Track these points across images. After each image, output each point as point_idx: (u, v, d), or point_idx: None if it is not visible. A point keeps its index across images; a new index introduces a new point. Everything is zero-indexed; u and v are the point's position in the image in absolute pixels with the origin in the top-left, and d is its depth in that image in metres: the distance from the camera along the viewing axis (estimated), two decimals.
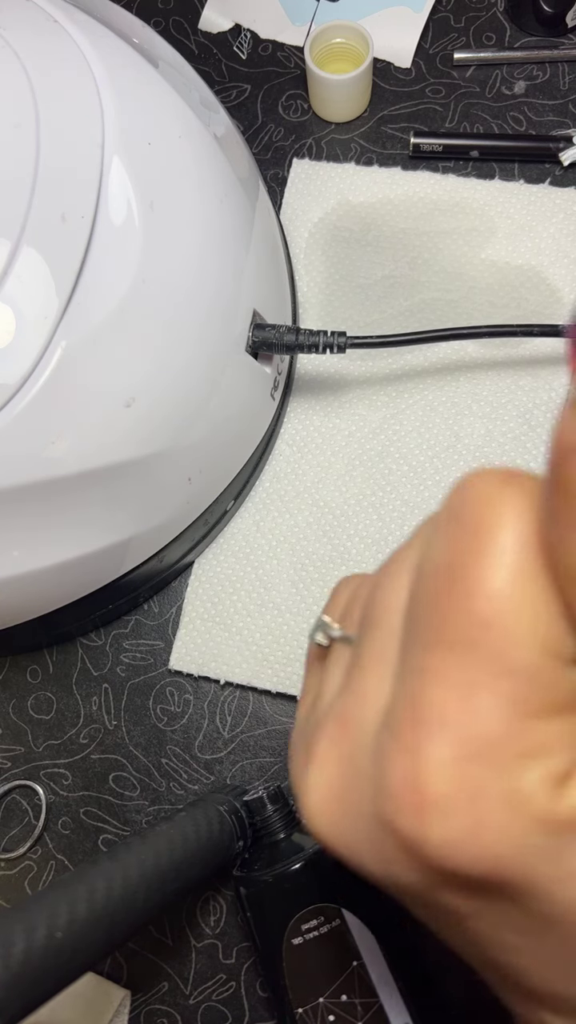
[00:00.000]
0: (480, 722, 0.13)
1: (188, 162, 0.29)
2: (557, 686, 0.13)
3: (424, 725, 0.14)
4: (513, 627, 0.13)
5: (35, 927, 0.22)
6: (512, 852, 0.13)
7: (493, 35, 0.42)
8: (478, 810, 0.13)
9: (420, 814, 0.13)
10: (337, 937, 0.27)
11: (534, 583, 0.13)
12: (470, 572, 0.14)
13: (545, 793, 0.13)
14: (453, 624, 0.14)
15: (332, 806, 0.16)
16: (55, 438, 0.25)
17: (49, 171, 0.25)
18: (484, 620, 0.13)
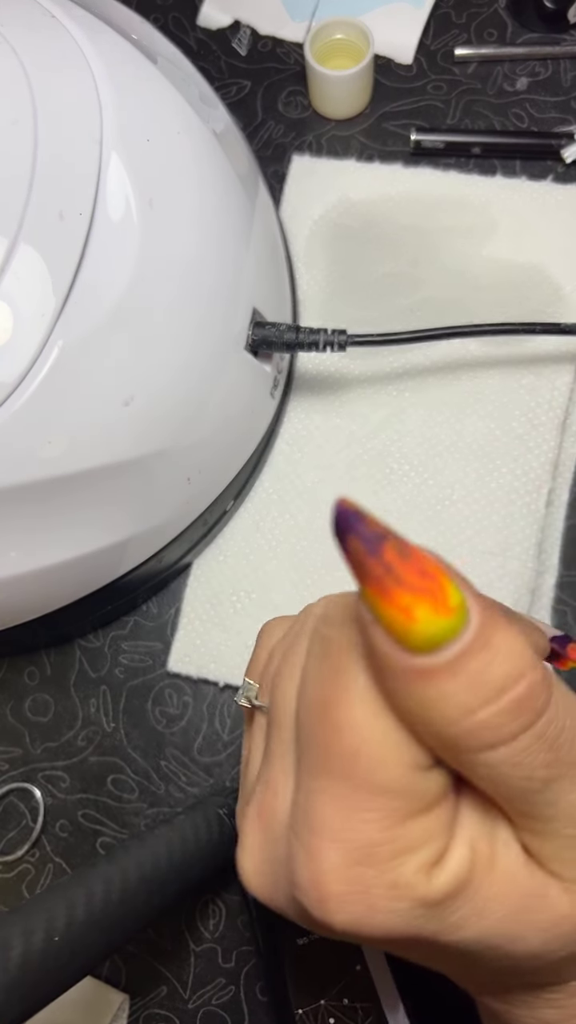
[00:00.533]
0: (361, 834, 0.16)
1: (187, 159, 0.28)
2: (421, 792, 0.17)
3: (318, 837, 0.17)
4: (376, 754, 0.16)
5: (33, 930, 0.22)
6: (401, 925, 0.16)
7: (495, 31, 0.42)
8: (368, 900, 0.16)
9: (323, 906, 0.17)
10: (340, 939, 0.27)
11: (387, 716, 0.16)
12: (336, 712, 0.17)
13: (419, 880, 0.16)
14: (328, 755, 0.17)
15: (261, 878, 0.19)
16: (52, 437, 0.25)
17: (47, 168, 0.24)
18: (352, 752, 0.16)
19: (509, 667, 0.15)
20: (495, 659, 0.15)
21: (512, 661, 0.15)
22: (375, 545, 0.15)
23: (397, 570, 0.15)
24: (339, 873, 0.16)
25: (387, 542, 0.15)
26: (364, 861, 0.16)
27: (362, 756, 0.16)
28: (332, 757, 0.17)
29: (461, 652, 0.15)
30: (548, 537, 0.35)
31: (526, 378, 0.36)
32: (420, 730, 0.16)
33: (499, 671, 0.15)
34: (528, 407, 0.36)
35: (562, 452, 0.36)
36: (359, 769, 0.16)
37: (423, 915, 0.16)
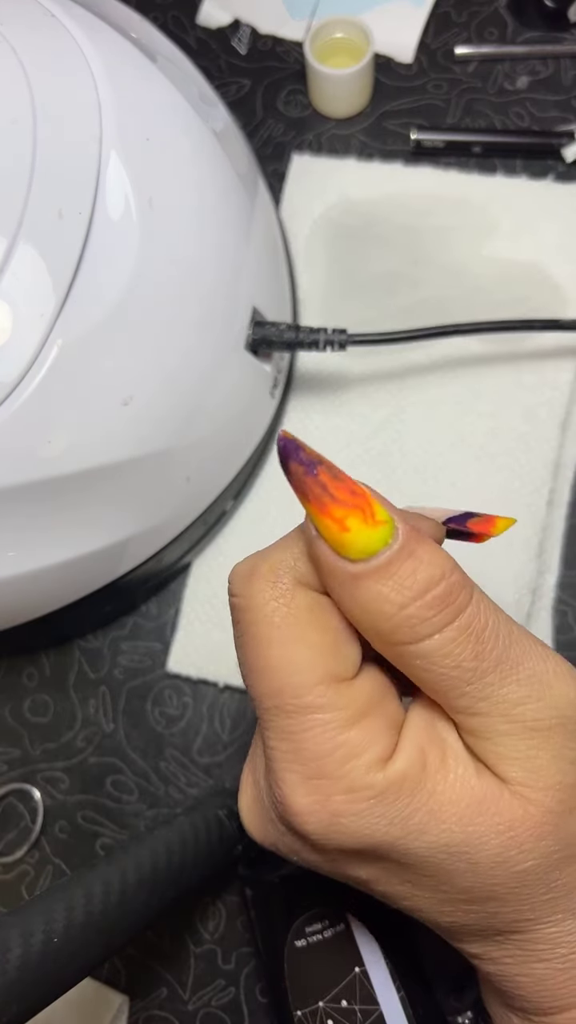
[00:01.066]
0: (308, 751, 0.19)
1: (187, 158, 0.28)
2: (347, 702, 0.19)
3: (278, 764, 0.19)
4: (294, 681, 0.19)
5: (32, 932, 0.22)
6: (365, 829, 0.18)
7: (495, 30, 0.42)
8: (331, 807, 0.19)
9: (295, 820, 0.19)
10: (340, 942, 0.27)
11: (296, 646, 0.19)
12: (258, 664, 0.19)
13: (371, 778, 0.18)
14: (262, 699, 0.19)
15: (254, 817, 0.21)
16: (51, 437, 0.25)
17: (46, 167, 0.24)
18: (277, 687, 0.19)
19: (432, 571, 0.18)
20: (419, 565, 0.18)
21: (435, 566, 0.18)
22: (311, 468, 0.19)
23: (331, 488, 0.19)
24: (301, 789, 0.19)
25: (321, 466, 0.19)
26: (318, 774, 0.19)
27: (285, 687, 0.19)
28: (263, 699, 0.19)
29: (389, 559, 0.18)
30: (549, 537, 0.35)
31: (527, 377, 0.36)
32: (364, 630, 0.19)
33: (424, 574, 0.18)
34: (529, 406, 0.36)
35: (563, 451, 0.36)
36: (286, 698, 0.19)
37: (382, 816, 0.18)
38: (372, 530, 0.18)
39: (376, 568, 0.18)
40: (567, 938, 0.20)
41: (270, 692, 0.19)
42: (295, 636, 0.19)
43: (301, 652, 0.19)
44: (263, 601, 0.19)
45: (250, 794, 0.22)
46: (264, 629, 0.19)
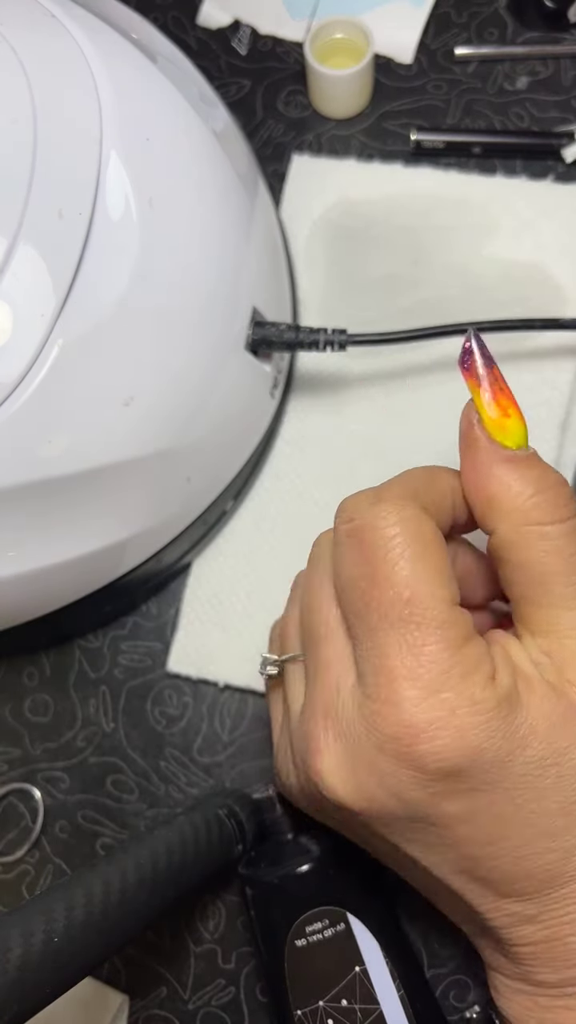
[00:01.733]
0: (431, 665, 0.20)
1: (187, 158, 0.28)
2: (464, 621, 0.21)
3: (394, 683, 0.20)
4: (425, 595, 0.20)
5: (32, 931, 0.22)
6: (485, 741, 0.19)
7: (495, 31, 0.42)
8: (455, 721, 0.19)
9: (416, 743, 0.19)
10: (341, 941, 0.27)
11: (424, 564, 0.21)
12: (385, 575, 0.20)
13: (488, 692, 0.20)
14: (387, 610, 0.20)
15: (346, 775, 0.21)
16: (52, 437, 0.25)
17: (46, 167, 0.24)
18: (406, 599, 0.20)
19: (558, 476, 0.22)
20: (549, 469, 0.22)
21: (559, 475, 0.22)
22: (491, 363, 0.24)
23: (500, 382, 0.24)
24: (424, 705, 0.19)
25: (496, 366, 0.24)
26: (443, 687, 0.20)
27: (415, 600, 0.20)
28: (388, 610, 0.20)
29: (531, 455, 0.22)
30: None
31: (526, 377, 0.36)
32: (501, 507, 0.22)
33: (554, 475, 0.22)
34: (528, 406, 0.36)
35: (562, 452, 0.36)
36: (415, 611, 0.20)
37: (498, 730, 0.20)
38: (524, 425, 0.23)
39: (523, 458, 0.22)
40: None
41: (398, 602, 0.20)
42: (426, 554, 0.21)
43: (432, 570, 0.21)
44: (392, 520, 0.21)
45: (337, 748, 0.21)
46: (394, 545, 0.21)
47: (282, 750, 0.26)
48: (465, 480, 0.23)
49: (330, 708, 0.22)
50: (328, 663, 0.22)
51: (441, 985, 0.32)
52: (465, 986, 0.31)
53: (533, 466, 0.22)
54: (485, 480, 0.22)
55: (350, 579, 0.21)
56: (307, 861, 0.28)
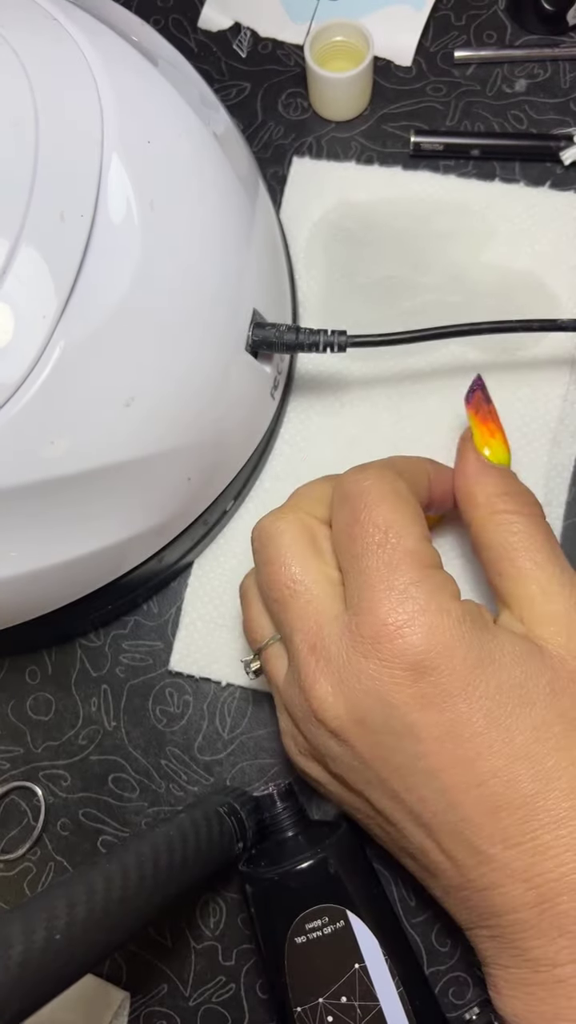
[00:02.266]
0: (403, 577, 0.24)
1: (188, 160, 0.28)
2: (432, 553, 0.25)
3: (375, 593, 0.24)
4: (402, 528, 0.25)
5: (34, 929, 0.22)
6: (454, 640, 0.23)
7: (494, 33, 0.42)
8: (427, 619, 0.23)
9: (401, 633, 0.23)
10: (340, 938, 0.27)
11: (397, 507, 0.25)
12: (366, 514, 0.25)
13: (454, 603, 0.24)
14: (368, 540, 0.25)
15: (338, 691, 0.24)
16: (54, 438, 0.25)
17: (48, 169, 0.24)
18: (383, 530, 0.25)
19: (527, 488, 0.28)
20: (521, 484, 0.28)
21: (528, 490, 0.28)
22: (489, 400, 0.31)
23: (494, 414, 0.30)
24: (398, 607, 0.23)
25: (493, 405, 0.31)
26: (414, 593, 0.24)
27: (390, 529, 0.25)
28: (369, 539, 0.25)
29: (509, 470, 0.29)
30: None
31: (524, 385, 0.36)
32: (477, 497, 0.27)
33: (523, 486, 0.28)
34: (527, 408, 0.36)
35: (562, 452, 0.36)
36: (390, 537, 0.25)
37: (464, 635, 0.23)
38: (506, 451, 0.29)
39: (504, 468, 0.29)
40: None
41: (379, 532, 0.25)
42: (399, 503, 0.25)
43: (405, 512, 0.25)
44: (371, 479, 0.26)
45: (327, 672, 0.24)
46: (373, 495, 0.25)
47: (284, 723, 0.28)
48: (455, 481, 0.29)
49: (315, 642, 0.25)
50: (301, 613, 0.26)
51: (440, 982, 0.32)
52: (464, 983, 0.32)
53: (505, 476, 0.28)
54: (468, 481, 0.28)
55: (340, 527, 0.26)
56: (307, 859, 0.28)
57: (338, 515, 0.27)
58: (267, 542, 0.27)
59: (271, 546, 0.27)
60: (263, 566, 0.27)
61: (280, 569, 0.27)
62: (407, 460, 0.29)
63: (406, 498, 0.26)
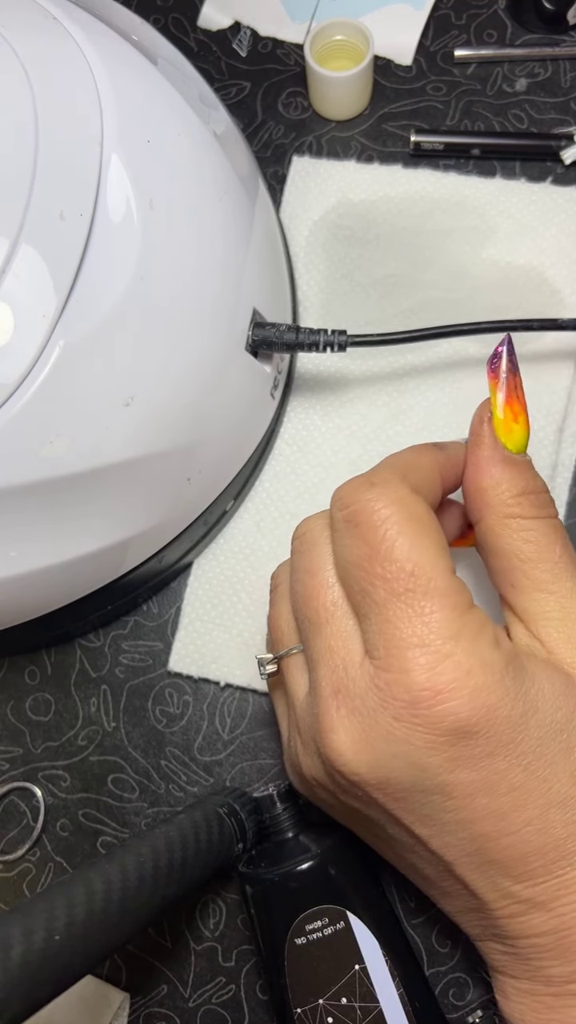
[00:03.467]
0: (440, 631, 0.21)
1: (187, 160, 0.28)
2: (463, 588, 0.22)
3: (407, 651, 0.21)
4: (427, 566, 0.21)
5: (33, 930, 0.22)
6: (499, 699, 0.20)
7: (494, 32, 0.42)
8: (471, 681, 0.20)
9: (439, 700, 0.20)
10: (340, 939, 0.27)
11: (421, 539, 0.22)
12: (386, 552, 0.22)
13: (496, 653, 0.21)
14: (392, 584, 0.21)
15: (361, 747, 0.21)
16: (53, 437, 0.25)
17: (47, 169, 0.24)
18: (409, 572, 0.21)
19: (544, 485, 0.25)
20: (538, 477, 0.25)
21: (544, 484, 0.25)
22: (516, 370, 0.26)
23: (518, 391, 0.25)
24: (438, 668, 0.20)
25: (519, 375, 0.26)
26: (454, 650, 0.20)
27: (417, 572, 0.21)
28: (393, 584, 0.21)
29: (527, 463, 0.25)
30: None
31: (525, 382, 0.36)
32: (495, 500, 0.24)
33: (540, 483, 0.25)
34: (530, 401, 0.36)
35: (561, 452, 0.36)
36: (419, 581, 0.21)
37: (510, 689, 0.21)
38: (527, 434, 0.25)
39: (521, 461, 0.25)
40: None
41: (402, 576, 0.21)
42: (421, 530, 0.22)
43: (429, 544, 0.22)
44: (386, 502, 0.22)
45: (349, 723, 0.22)
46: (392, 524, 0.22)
47: (291, 743, 0.26)
48: (467, 471, 0.25)
49: (340, 686, 0.22)
50: (331, 645, 0.23)
51: (441, 983, 0.32)
52: (465, 984, 0.32)
53: (524, 472, 0.24)
54: (481, 474, 0.24)
55: (353, 560, 0.22)
56: (307, 859, 0.28)
57: (346, 543, 0.23)
58: (311, 548, 0.24)
59: (315, 556, 0.24)
60: (302, 574, 0.24)
61: (320, 588, 0.24)
62: (414, 459, 0.25)
63: (427, 523, 0.23)
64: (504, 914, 0.22)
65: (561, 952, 0.21)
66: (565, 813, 0.21)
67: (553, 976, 0.21)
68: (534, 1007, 0.22)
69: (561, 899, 0.21)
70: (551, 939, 0.21)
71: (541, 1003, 0.22)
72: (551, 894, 0.21)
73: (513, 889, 0.22)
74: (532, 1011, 0.22)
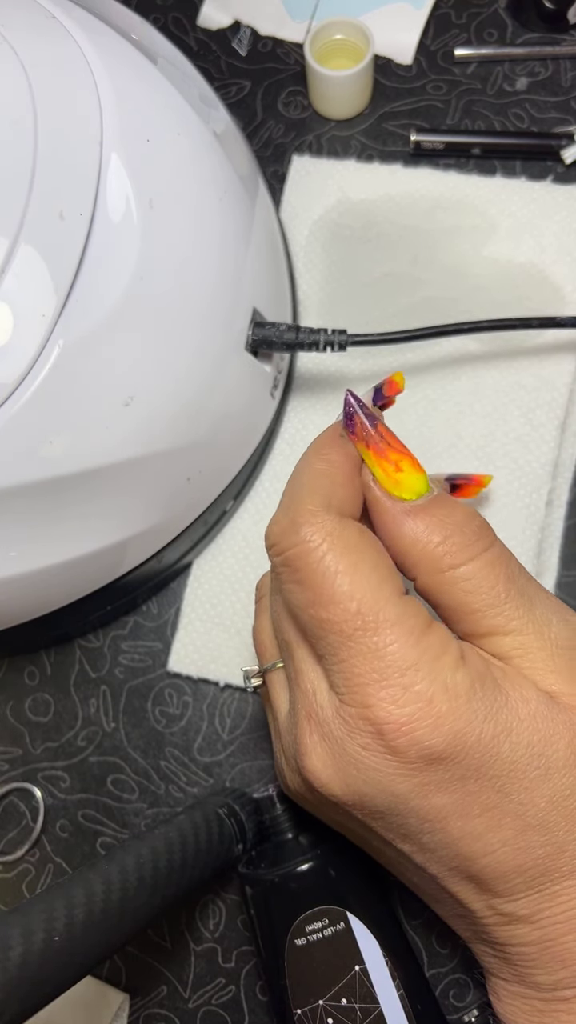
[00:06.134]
0: (397, 664, 0.20)
1: (187, 159, 0.28)
2: (416, 610, 0.21)
3: (366, 688, 0.20)
4: (371, 599, 0.20)
5: (33, 930, 0.22)
6: (468, 724, 0.20)
7: (495, 31, 0.42)
8: (433, 709, 0.20)
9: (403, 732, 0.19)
10: (340, 940, 0.27)
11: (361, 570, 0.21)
12: (328, 596, 0.21)
13: (460, 672, 0.20)
14: (340, 627, 0.20)
15: (334, 772, 0.21)
16: (52, 437, 0.25)
17: (47, 168, 0.24)
18: (355, 612, 0.20)
19: (466, 511, 0.22)
20: (456, 507, 0.22)
21: (465, 510, 0.22)
22: (372, 421, 0.23)
23: (387, 438, 0.23)
24: (401, 700, 0.20)
25: (379, 421, 0.23)
26: (413, 680, 0.20)
27: (363, 609, 0.20)
28: (342, 626, 0.20)
29: (433, 500, 0.22)
30: (548, 537, 0.35)
31: (525, 378, 0.36)
32: (413, 560, 0.22)
33: (461, 513, 0.22)
34: (528, 407, 0.36)
35: (562, 452, 0.36)
36: (367, 619, 0.20)
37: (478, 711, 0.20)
38: (419, 473, 0.23)
39: (424, 506, 0.22)
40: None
41: (348, 617, 0.20)
42: (359, 560, 0.21)
43: (370, 573, 0.21)
44: (317, 541, 0.21)
45: (322, 749, 0.21)
46: (328, 563, 0.21)
47: (278, 754, 0.26)
48: (380, 537, 0.23)
49: (311, 711, 0.22)
50: (300, 669, 0.23)
51: (441, 984, 0.32)
52: (465, 985, 0.31)
53: (435, 512, 0.22)
54: (393, 537, 0.22)
55: (299, 606, 0.22)
56: (307, 860, 0.28)
57: (288, 587, 0.22)
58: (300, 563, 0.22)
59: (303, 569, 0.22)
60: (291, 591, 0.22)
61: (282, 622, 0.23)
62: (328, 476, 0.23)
63: (363, 548, 0.21)
64: (490, 923, 0.22)
65: (546, 962, 0.21)
66: (543, 835, 0.20)
67: (540, 983, 0.21)
68: (525, 1010, 0.22)
69: (544, 912, 0.21)
70: (536, 949, 0.21)
71: (531, 1006, 0.22)
72: (533, 908, 0.21)
73: (495, 902, 0.21)
74: (524, 1014, 0.22)
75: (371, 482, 0.23)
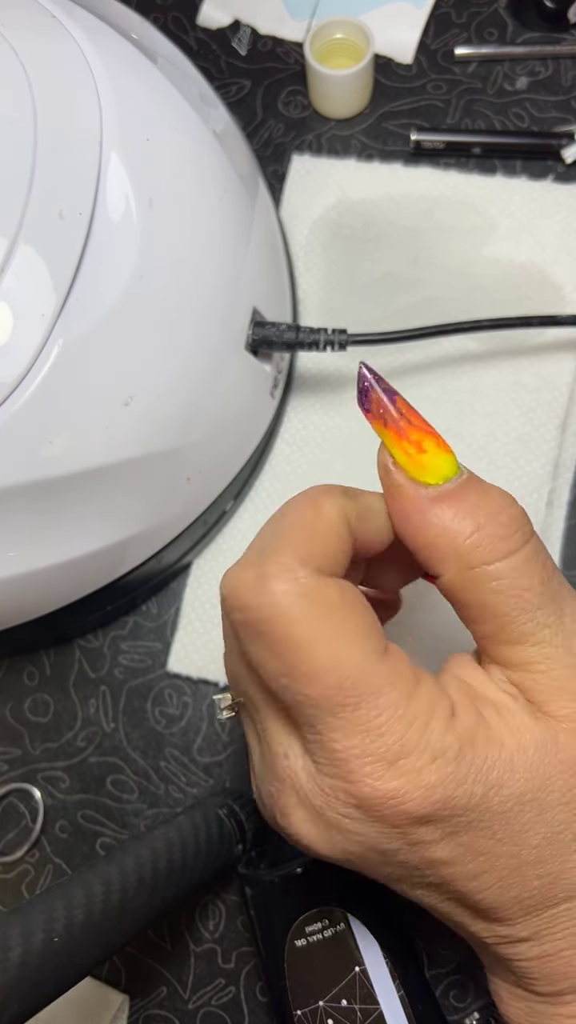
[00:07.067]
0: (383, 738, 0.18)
1: (187, 159, 0.28)
2: (403, 671, 0.19)
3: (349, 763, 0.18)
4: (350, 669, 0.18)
5: (33, 931, 0.22)
6: (456, 790, 0.18)
7: (495, 31, 0.42)
8: (421, 780, 0.18)
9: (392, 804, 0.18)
10: (340, 941, 0.27)
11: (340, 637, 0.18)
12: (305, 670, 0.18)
13: (450, 736, 0.18)
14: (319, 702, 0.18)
15: (316, 834, 0.20)
16: (52, 437, 0.25)
17: (47, 167, 0.24)
18: (336, 687, 0.18)
19: (500, 498, 0.20)
20: (490, 492, 0.20)
21: (501, 495, 0.20)
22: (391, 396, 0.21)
23: (407, 415, 0.20)
24: (388, 775, 0.18)
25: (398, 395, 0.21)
26: (400, 753, 0.18)
27: (345, 683, 0.18)
28: (321, 702, 0.18)
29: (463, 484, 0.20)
30: (548, 537, 0.35)
31: (526, 378, 0.36)
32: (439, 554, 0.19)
33: (497, 500, 0.20)
34: (528, 407, 0.36)
35: (562, 452, 0.36)
36: (349, 693, 0.18)
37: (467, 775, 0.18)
38: (446, 454, 0.20)
39: (453, 491, 0.20)
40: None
41: (328, 693, 0.18)
42: (338, 628, 0.18)
43: (350, 642, 0.18)
44: (289, 603, 0.18)
45: (301, 812, 0.20)
46: (302, 632, 0.18)
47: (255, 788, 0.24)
48: (397, 529, 0.20)
49: (285, 777, 0.20)
50: (269, 729, 0.21)
51: (441, 985, 0.32)
52: (465, 986, 0.31)
53: (466, 496, 0.19)
54: (417, 528, 0.20)
55: (269, 674, 0.19)
56: (307, 861, 0.28)
57: (253, 651, 0.19)
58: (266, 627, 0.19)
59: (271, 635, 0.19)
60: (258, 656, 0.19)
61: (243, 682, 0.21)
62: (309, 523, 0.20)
63: (343, 609, 0.19)
64: (490, 942, 0.22)
65: (546, 975, 0.21)
66: (539, 868, 0.20)
67: (541, 992, 0.21)
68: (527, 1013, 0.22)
69: (542, 932, 0.20)
70: (537, 963, 0.21)
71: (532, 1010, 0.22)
72: (532, 930, 0.21)
73: (494, 927, 0.21)
74: (526, 1016, 0.22)
75: (391, 465, 0.20)
